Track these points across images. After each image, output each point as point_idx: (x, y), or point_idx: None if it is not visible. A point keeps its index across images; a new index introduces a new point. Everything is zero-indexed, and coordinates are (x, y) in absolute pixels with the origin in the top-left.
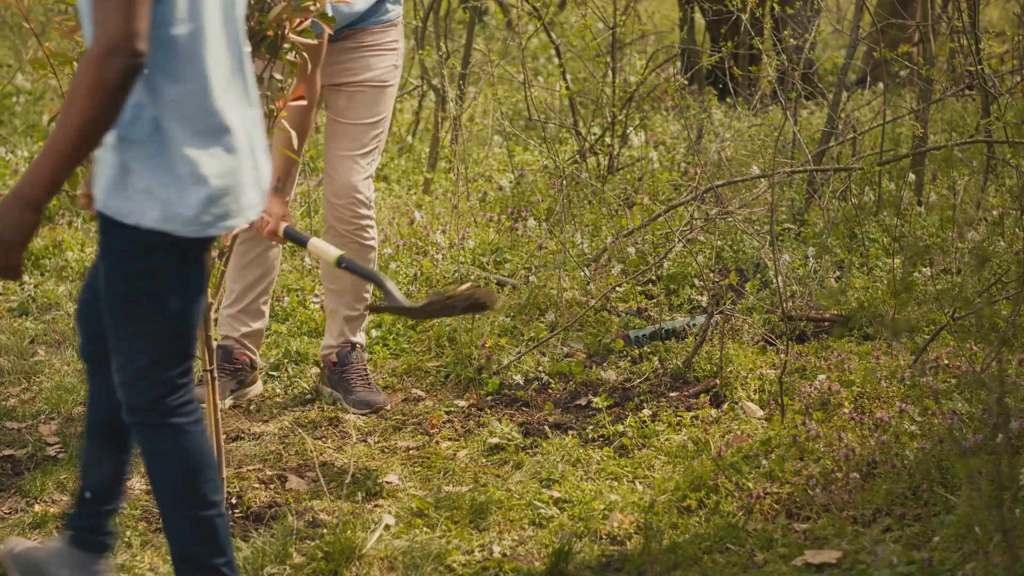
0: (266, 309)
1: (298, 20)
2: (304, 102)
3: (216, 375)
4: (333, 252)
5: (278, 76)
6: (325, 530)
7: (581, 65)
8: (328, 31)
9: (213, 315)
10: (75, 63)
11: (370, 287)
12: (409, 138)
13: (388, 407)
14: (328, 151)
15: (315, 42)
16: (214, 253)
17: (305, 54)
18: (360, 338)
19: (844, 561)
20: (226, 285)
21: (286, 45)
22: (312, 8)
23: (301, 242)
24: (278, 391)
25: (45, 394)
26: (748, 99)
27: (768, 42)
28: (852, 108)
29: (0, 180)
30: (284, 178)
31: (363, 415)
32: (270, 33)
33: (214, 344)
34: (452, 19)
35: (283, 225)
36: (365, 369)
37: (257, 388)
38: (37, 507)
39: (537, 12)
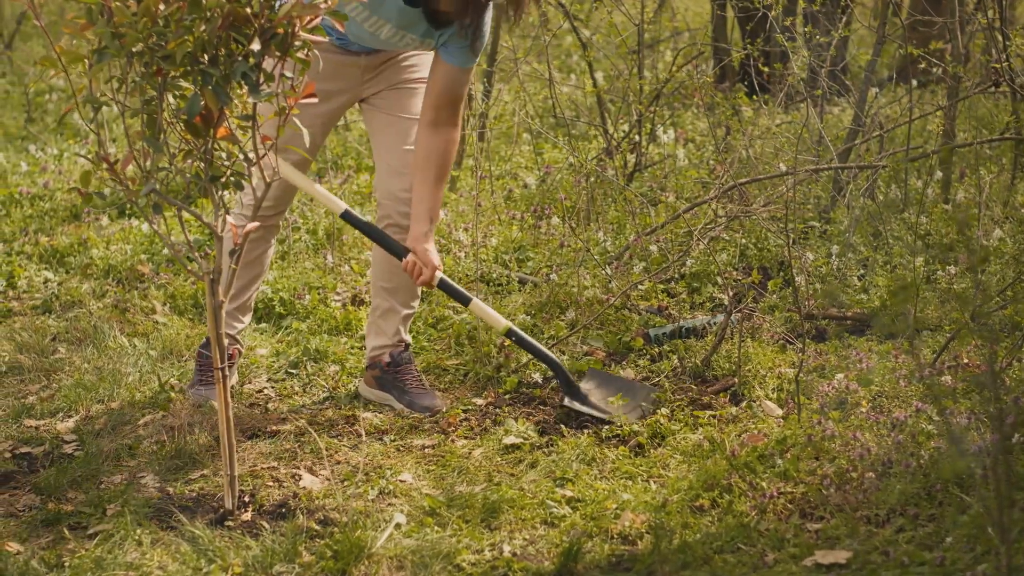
0: (252, 304)
1: (308, 17)
2: (315, 99)
3: (227, 374)
4: (502, 322)
5: (288, 74)
6: (335, 528)
7: (615, 63)
8: (339, 28)
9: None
10: (85, 61)
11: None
12: None
13: (444, 409)
14: (392, 150)
15: (325, 39)
16: (226, 251)
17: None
18: (409, 337)
19: (854, 561)
20: None
21: (297, 43)
22: (323, 5)
23: (462, 300)
24: (296, 389)
25: (64, 392)
26: (778, 96)
27: (800, 39)
28: (883, 105)
29: (29, 177)
30: (433, 225)
31: (424, 417)
32: (280, 31)
33: (225, 343)
34: None
35: (439, 275)
36: (417, 370)
37: (234, 378)
38: (51, 505)
39: (564, 7)
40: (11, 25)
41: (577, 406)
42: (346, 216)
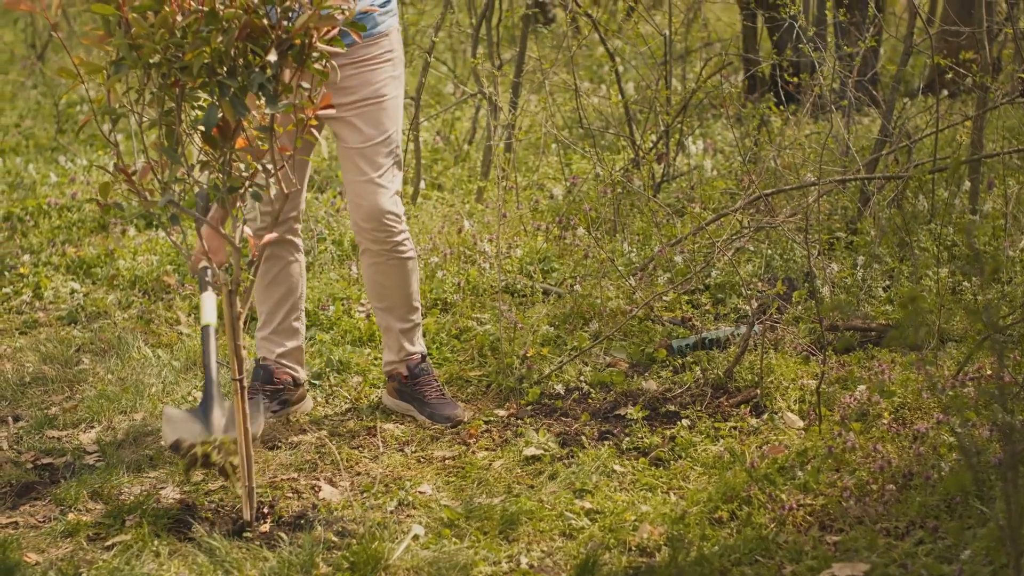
0: (299, 326)
1: (325, 28)
2: (332, 111)
3: (244, 384)
4: (204, 318)
5: (305, 85)
6: (353, 540)
7: (644, 73)
8: (357, 39)
9: (242, 323)
10: (104, 72)
11: (419, 296)
12: (466, 146)
13: (466, 419)
14: (347, 179)
15: (343, 50)
16: (243, 263)
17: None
18: (422, 347)
19: (872, 574)
20: (256, 308)
21: (314, 54)
22: (339, 16)
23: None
24: (319, 400)
25: (87, 403)
26: (813, 106)
27: (830, 48)
28: (912, 115)
29: (58, 188)
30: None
31: (445, 428)
32: (297, 42)
33: (243, 353)
34: (516, 27)
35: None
36: (437, 380)
37: (307, 405)
38: (70, 516)
39: (591, 18)
40: (44, 36)
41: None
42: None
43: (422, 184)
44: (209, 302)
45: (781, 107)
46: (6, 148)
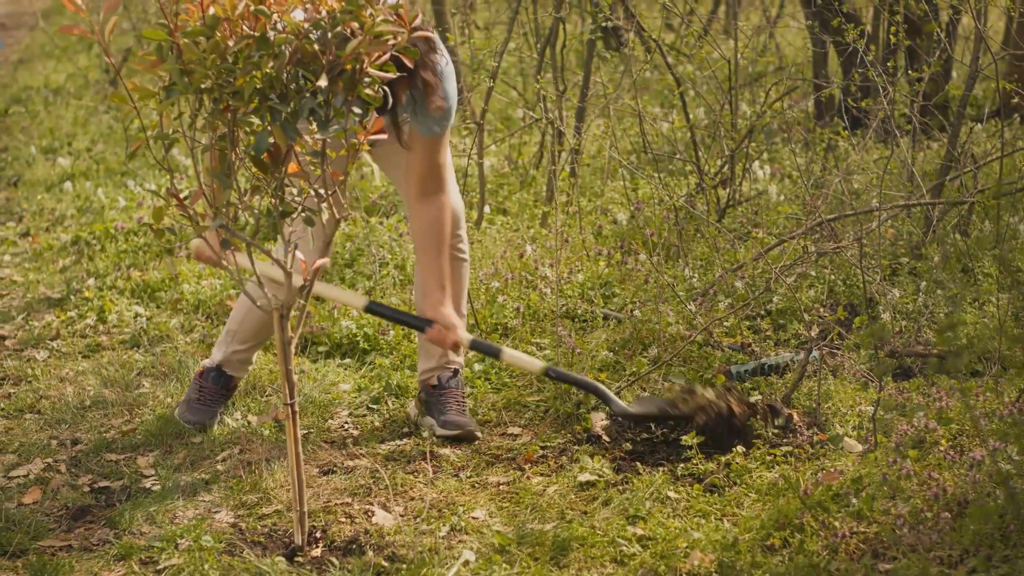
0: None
1: (376, 54)
2: (384, 136)
3: (296, 409)
4: (537, 364)
5: (357, 110)
6: (403, 565)
7: (712, 99)
8: (408, 64)
9: (293, 348)
10: (157, 97)
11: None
12: (532, 171)
13: (479, 435)
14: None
15: (395, 75)
16: (295, 287)
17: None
18: (461, 360)
19: None
20: (236, 325)
21: (365, 79)
22: (390, 42)
23: (493, 354)
24: (376, 424)
25: (146, 426)
26: (877, 131)
27: (901, 71)
28: (981, 140)
29: (126, 213)
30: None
31: (452, 436)
32: (348, 67)
33: (295, 379)
34: (583, 50)
35: (468, 337)
36: (462, 394)
37: None
38: (124, 539)
39: (658, 43)
40: (117, 61)
41: (631, 411)
42: (370, 309)
43: (486, 209)
44: (520, 353)
45: (845, 131)
46: (77, 172)
